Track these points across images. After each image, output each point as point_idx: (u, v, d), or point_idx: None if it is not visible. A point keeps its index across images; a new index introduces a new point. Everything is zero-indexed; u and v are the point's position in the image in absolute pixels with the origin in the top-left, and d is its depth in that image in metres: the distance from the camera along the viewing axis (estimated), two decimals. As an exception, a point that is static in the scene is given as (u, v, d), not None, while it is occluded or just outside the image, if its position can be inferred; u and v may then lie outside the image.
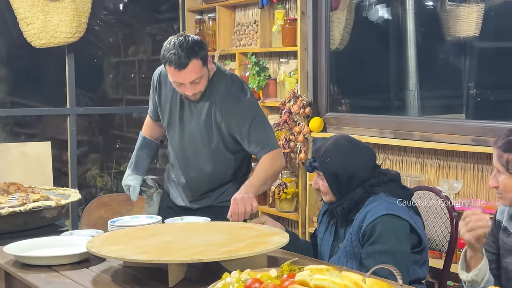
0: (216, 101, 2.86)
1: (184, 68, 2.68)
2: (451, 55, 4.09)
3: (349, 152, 2.42)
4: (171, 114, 2.98)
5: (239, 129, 2.83)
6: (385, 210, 2.30)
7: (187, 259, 2.01)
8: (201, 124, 2.90)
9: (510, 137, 2.10)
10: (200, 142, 2.92)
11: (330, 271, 1.70)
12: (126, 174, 3.15)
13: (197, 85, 2.77)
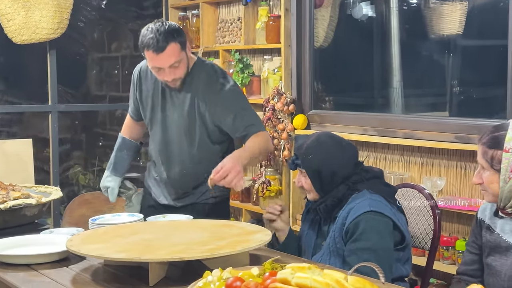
0: (198, 90, 2.84)
1: (162, 51, 2.67)
2: (434, 52, 4.10)
3: (331, 149, 2.41)
4: (153, 108, 2.96)
5: (224, 117, 2.81)
6: (368, 207, 2.30)
7: (168, 257, 1.99)
8: (184, 115, 2.87)
9: (494, 133, 2.10)
10: (184, 134, 2.89)
11: (312, 269, 1.69)
12: (104, 176, 3.11)
13: (176, 69, 2.75)
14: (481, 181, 2.13)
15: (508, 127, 2.08)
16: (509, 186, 2.05)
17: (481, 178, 2.13)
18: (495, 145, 2.08)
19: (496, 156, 2.07)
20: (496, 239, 2.15)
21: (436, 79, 4.08)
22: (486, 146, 2.10)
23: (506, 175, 2.05)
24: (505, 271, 2.10)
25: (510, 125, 2.09)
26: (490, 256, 2.17)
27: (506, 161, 2.04)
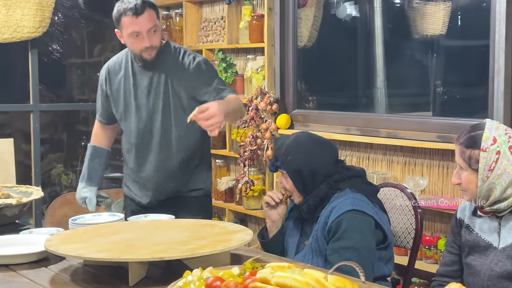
0: (170, 67, 2.90)
1: (141, 14, 2.76)
2: (418, 52, 4.11)
3: (310, 148, 2.41)
4: (125, 98, 2.97)
5: (199, 87, 2.86)
6: (351, 206, 2.29)
7: (148, 257, 1.97)
8: (160, 95, 2.90)
9: (471, 133, 2.11)
10: (161, 116, 2.90)
11: (292, 268, 1.68)
12: (79, 187, 3.09)
13: (153, 36, 2.81)
14: (460, 181, 2.14)
15: (484, 126, 2.09)
16: (487, 185, 2.06)
17: (459, 178, 2.14)
18: (472, 145, 2.08)
19: (473, 156, 2.07)
20: (475, 239, 2.16)
21: (420, 79, 4.09)
22: (463, 146, 2.11)
23: (484, 174, 2.05)
24: (485, 270, 2.11)
25: (486, 124, 2.10)
26: (469, 256, 2.18)
27: (483, 161, 2.05)
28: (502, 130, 2.09)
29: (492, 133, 2.06)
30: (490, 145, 2.05)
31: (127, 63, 2.98)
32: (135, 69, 2.95)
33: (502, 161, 2.04)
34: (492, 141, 2.05)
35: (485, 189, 2.06)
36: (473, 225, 2.18)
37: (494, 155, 2.04)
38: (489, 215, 2.14)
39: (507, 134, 2.07)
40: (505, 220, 2.10)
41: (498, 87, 3.09)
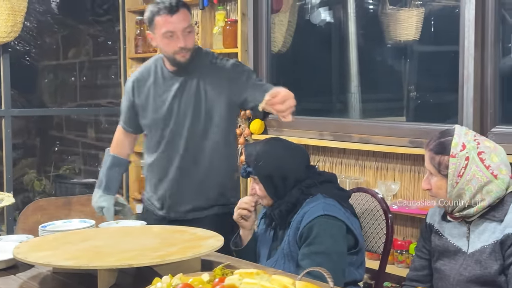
0: (202, 72, 2.81)
1: (176, 13, 2.69)
2: (391, 58, 4.14)
3: (281, 153, 2.42)
4: (155, 104, 2.87)
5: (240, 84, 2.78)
6: (322, 211, 2.30)
7: (116, 264, 1.96)
8: (191, 101, 2.80)
9: (441, 139, 2.12)
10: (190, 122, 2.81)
11: (260, 274, 1.68)
12: (96, 195, 3.01)
13: (188, 37, 2.73)
14: (430, 186, 2.16)
15: (454, 132, 2.11)
16: (457, 191, 2.08)
17: (429, 183, 2.16)
18: (441, 151, 2.10)
19: (443, 162, 2.09)
20: (445, 244, 2.18)
21: (393, 84, 4.12)
22: (433, 152, 2.12)
23: (454, 180, 2.07)
24: (454, 275, 2.13)
25: (455, 130, 2.12)
26: (439, 261, 2.20)
27: (453, 166, 2.07)
28: (471, 136, 2.11)
29: (461, 139, 2.08)
30: (459, 151, 2.07)
31: (157, 69, 2.89)
32: (165, 75, 2.86)
33: (471, 167, 2.06)
34: (461, 147, 2.07)
35: (454, 194, 2.08)
36: (442, 230, 2.20)
37: (463, 161, 2.06)
38: (458, 220, 2.16)
39: (476, 140, 2.09)
40: (474, 225, 2.12)
41: (468, 93, 3.13)
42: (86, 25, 5.56)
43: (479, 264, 2.07)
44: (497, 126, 3.10)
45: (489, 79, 3.11)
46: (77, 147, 5.79)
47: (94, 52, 5.58)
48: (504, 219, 2.05)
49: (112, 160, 3.05)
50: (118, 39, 5.26)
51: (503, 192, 2.07)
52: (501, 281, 2.04)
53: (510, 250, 2.01)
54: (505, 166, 2.09)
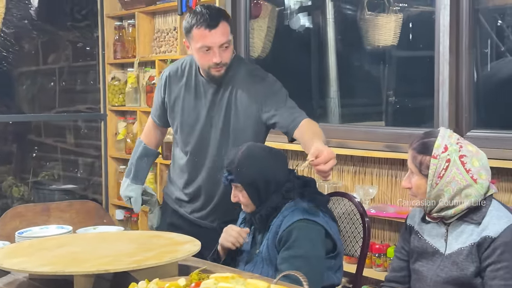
0: (237, 84, 2.71)
1: (215, 28, 2.56)
2: (370, 63, 4.16)
3: (262, 158, 2.42)
4: (183, 108, 2.80)
5: (269, 106, 2.66)
6: (302, 215, 2.31)
7: (93, 269, 1.96)
8: (222, 111, 2.72)
9: (424, 139, 2.15)
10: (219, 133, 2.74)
11: (235, 279, 1.69)
12: (124, 184, 2.97)
13: (224, 52, 2.61)
14: (410, 185, 2.18)
15: (438, 134, 2.14)
16: (436, 191, 2.10)
17: (410, 182, 2.18)
18: (424, 151, 2.13)
19: (424, 162, 2.12)
20: (424, 245, 2.20)
21: (372, 89, 4.15)
22: (415, 151, 2.15)
23: (433, 181, 2.10)
24: (431, 276, 2.15)
25: (440, 132, 2.15)
26: (417, 262, 2.22)
27: (433, 167, 2.09)
28: (454, 139, 2.13)
29: (444, 141, 2.11)
30: (441, 153, 2.09)
31: (191, 70, 2.80)
32: (198, 79, 2.77)
33: (451, 169, 2.08)
34: (444, 149, 2.10)
35: (433, 195, 2.11)
36: (422, 232, 2.23)
37: (444, 163, 2.09)
38: (437, 221, 2.18)
39: (459, 144, 2.12)
40: (452, 226, 2.15)
41: (443, 98, 3.16)
42: (65, 31, 5.53)
43: (456, 266, 2.09)
44: (472, 130, 3.13)
45: (464, 84, 3.15)
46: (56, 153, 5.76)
47: (73, 58, 5.56)
48: (482, 222, 2.08)
49: (142, 150, 3.00)
50: (97, 44, 5.25)
51: (482, 196, 2.10)
52: (477, 283, 2.06)
53: (487, 253, 2.04)
54: (485, 171, 2.11)
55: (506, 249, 2.01)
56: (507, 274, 2.00)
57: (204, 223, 2.88)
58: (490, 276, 2.03)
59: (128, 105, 5.04)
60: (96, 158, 5.56)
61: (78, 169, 5.64)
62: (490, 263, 2.03)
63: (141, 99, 4.95)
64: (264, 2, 4.33)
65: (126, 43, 4.96)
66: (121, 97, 5.11)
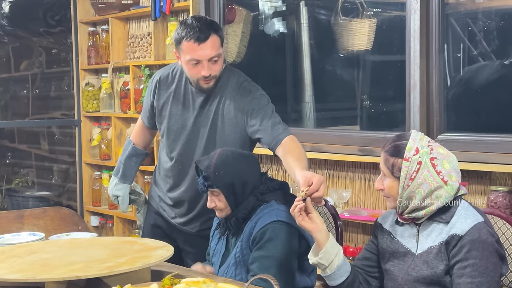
0: (226, 95, 2.70)
1: (204, 41, 2.54)
2: (345, 68, 4.18)
3: (237, 161, 2.43)
4: (170, 114, 2.80)
5: (254, 120, 2.66)
6: (275, 217, 2.33)
7: (64, 276, 1.95)
8: (208, 122, 2.72)
9: (397, 142, 2.18)
10: (205, 143, 2.74)
11: (206, 283, 1.70)
12: (112, 183, 2.97)
13: (214, 65, 2.60)
14: (382, 187, 2.21)
15: (409, 136, 2.17)
16: (407, 193, 2.13)
17: (382, 184, 2.21)
18: (396, 154, 2.15)
19: (396, 164, 2.14)
20: (396, 245, 2.23)
21: (347, 94, 4.17)
22: (388, 154, 2.18)
23: (405, 183, 2.12)
24: (402, 275, 2.18)
25: (411, 135, 2.18)
26: (389, 262, 2.25)
27: (405, 169, 2.12)
28: (426, 141, 2.16)
29: (416, 144, 2.14)
30: (413, 155, 2.12)
31: (181, 78, 2.80)
32: (188, 88, 2.77)
33: (423, 171, 2.11)
34: (415, 152, 2.12)
35: (405, 196, 2.13)
36: (395, 233, 2.26)
37: (415, 165, 2.11)
38: (408, 222, 2.21)
39: (430, 146, 2.15)
40: (423, 226, 2.18)
41: (414, 101, 3.20)
42: (38, 37, 5.50)
43: (426, 264, 2.13)
44: (443, 133, 3.17)
45: (435, 87, 3.18)
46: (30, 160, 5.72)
47: (47, 64, 5.53)
48: (451, 221, 2.11)
49: (130, 150, 3.00)
50: (70, 50, 5.22)
51: (451, 198, 2.13)
52: (446, 281, 2.10)
53: (454, 251, 2.07)
54: (455, 173, 2.15)
55: (473, 247, 2.05)
56: (474, 272, 2.04)
57: (185, 229, 2.89)
58: (457, 274, 2.06)
59: (103, 111, 5.02)
60: (70, 164, 5.53)
61: (52, 176, 5.60)
62: (457, 261, 2.07)
63: (116, 105, 4.93)
64: (238, 7, 4.34)
65: (100, 48, 4.95)
66: (95, 103, 5.09)
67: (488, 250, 2.05)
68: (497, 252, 2.08)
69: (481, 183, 3.01)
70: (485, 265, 2.04)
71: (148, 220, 3.00)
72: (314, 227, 2.17)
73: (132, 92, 4.64)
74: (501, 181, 2.95)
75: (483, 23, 3.34)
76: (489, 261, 2.04)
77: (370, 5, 3.79)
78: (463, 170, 2.95)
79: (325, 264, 2.18)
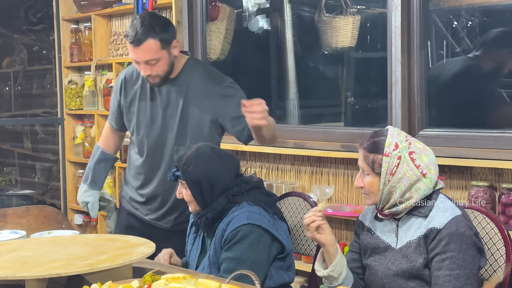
0: (191, 86, 2.75)
1: (138, 45, 2.62)
2: (329, 65, 4.19)
3: (211, 160, 2.43)
4: (139, 111, 2.83)
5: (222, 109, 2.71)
6: (246, 220, 2.32)
7: (44, 273, 1.94)
8: (177, 113, 2.76)
9: (375, 138, 2.19)
10: (175, 134, 2.77)
11: (187, 279, 1.70)
12: (82, 190, 2.97)
13: (153, 67, 2.66)
14: (362, 184, 2.22)
15: (387, 132, 2.18)
16: (388, 188, 2.15)
17: (362, 182, 2.22)
18: (375, 150, 2.17)
19: (377, 160, 2.16)
20: (376, 241, 2.25)
21: (331, 91, 4.18)
22: (367, 151, 2.19)
23: (386, 178, 2.14)
24: (382, 270, 2.20)
25: (389, 131, 2.19)
26: (370, 257, 2.27)
27: (386, 165, 2.14)
28: (403, 136, 2.19)
29: (394, 139, 2.16)
30: (393, 151, 2.14)
31: None
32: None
33: (402, 166, 2.13)
34: (394, 147, 2.14)
35: (386, 192, 2.15)
36: (374, 229, 2.28)
37: (395, 160, 2.13)
38: (388, 218, 2.22)
39: (407, 141, 2.17)
40: (402, 221, 2.20)
41: (396, 97, 3.21)
42: (20, 34, 5.47)
43: (406, 258, 2.15)
44: (424, 129, 3.19)
45: (416, 84, 3.20)
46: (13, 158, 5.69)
47: (29, 62, 5.50)
48: (429, 215, 2.14)
49: (99, 155, 3.01)
50: (53, 48, 5.20)
51: (430, 190, 2.15)
52: (425, 274, 2.12)
53: (433, 244, 2.09)
54: (433, 166, 2.17)
55: (451, 240, 2.07)
56: (452, 265, 2.06)
57: (160, 224, 2.89)
58: (436, 267, 2.08)
59: (86, 108, 5.00)
60: (54, 162, 5.50)
61: (35, 174, 5.57)
62: (436, 254, 2.09)
63: (99, 103, 4.91)
64: (222, 5, 4.33)
65: (82, 46, 4.93)
66: (78, 100, 5.07)
67: (466, 243, 2.07)
68: (475, 245, 2.10)
69: (462, 178, 3.03)
70: (463, 257, 2.06)
71: (121, 222, 3.02)
72: (328, 241, 2.18)
73: (115, 89, 4.63)
74: (481, 176, 2.97)
75: (466, 20, 3.36)
76: (467, 254, 2.07)
77: (354, 2, 3.80)
78: (444, 165, 2.99)
79: (335, 276, 2.19)
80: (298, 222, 2.77)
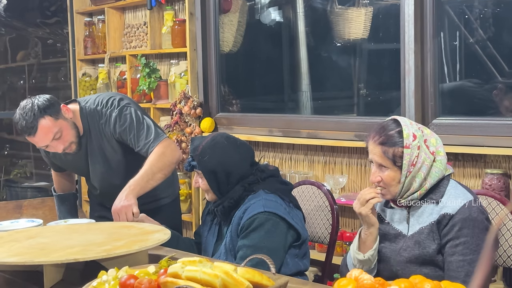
0: (96, 133, 2.85)
1: (36, 132, 2.65)
2: (341, 56, 4.19)
3: (226, 149, 2.44)
4: (68, 167, 3.01)
5: (124, 137, 2.81)
6: (263, 208, 2.33)
7: (62, 259, 1.96)
8: (97, 157, 2.89)
9: (388, 132, 2.16)
10: (105, 171, 2.92)
11: (202, 262, 1.71)
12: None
13: (61, 140, 2.73)
14: (380, 179, 2.19)
15: (398, 124, 2.17)
16: (409, 179, 2.14)
17: (379, 176, 2.19)
18: (394, 143, 2.14)
19: (398, 153, 2.14)
20: (386, 228, 2.25)
21: (344, 82, 4.17)
22: (386, 146, 2.15)
23: (407, 170, 2.13)
24: (394, 256, 2.21)
25: (401, 122, 2.17)
26: (380, 244, 2.27)
27: (407, 157, 2.12)
28: (415, 125, 2.19)
29: (411, 130, 2.15)
30: (412, 141, 2.13)
31: None
32: None
33: (421, 155, 2.13)
34: (413, 138, 2.14)
35: (407, 183, 2.14)
36: (384, 215, 2.28)
37: (416, 151, 2.13)
38: (400, 207, 2.23)
39: (420, 129, 2.18)
40: (413, 209, 2.20)
41: (409, 87, 3.21)
42: (35, 28, 5.51)
43: (418, 245, 2.15)
44: (437, 117, 3.19)
45: (429, 72, 3.19)
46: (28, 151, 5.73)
47: (43, 55, 5.54)
48: (441, 201, 2.14)
49: (58, 199, 3.14)
50: (67, 41, 5.23)
51: (442, 172, 2.15)
52: (438, 260, 2.12)
53: (446, 230, 2.10)
54: (441, 148, 2.19)
55: (464, 225, 2.07)
56: (465, 250, 2.06)
57: None
58: (449, 252, 2.09)
59: (100, 101, 5.02)
60: (68, 155, 5.52)
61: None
62: (449, 239, 2.09)
63: (113, 95, 4.94)
64: (234, -3, 4.35)
65: (96, 39, 4.95)
66: (92, 93, 5.10)
67: (479, 227, 2.08)
68: (488, 229, 2.10)
69: (476, 166, 3.03)
70: (476, 242, 2.06)
71: (93, 213, 3.14)
72: (377, 222, 2.22)
73: (129, 81, 4.65)
74: (495, 164, 2.97)
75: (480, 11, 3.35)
76: (480, 239, 2.07)
77: (366, -7, 3.80)
78: (458, 154, 2.99)
79: (373, 260, 2.21)
80: (312, 210, 2.79)
